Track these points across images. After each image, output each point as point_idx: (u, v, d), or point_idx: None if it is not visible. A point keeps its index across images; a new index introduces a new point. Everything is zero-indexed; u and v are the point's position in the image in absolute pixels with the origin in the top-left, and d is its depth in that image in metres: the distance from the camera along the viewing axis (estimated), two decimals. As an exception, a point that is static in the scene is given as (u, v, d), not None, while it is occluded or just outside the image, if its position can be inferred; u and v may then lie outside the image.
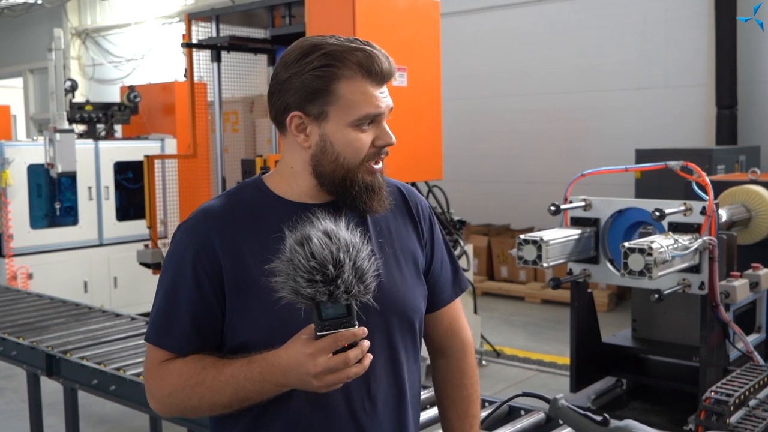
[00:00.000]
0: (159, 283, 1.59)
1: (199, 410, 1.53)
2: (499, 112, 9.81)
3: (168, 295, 1.56)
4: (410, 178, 5.63)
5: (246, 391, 1.46)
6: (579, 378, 3.96)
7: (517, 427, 2.59)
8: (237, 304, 1.52)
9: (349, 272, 1.34)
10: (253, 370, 1.45)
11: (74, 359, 3.62)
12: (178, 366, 1.53)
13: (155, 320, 1.57)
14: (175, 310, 1.54)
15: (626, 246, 3.18)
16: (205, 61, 6.36)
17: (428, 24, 5.56)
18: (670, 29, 8.51)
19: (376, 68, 1.53)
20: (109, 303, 7.61)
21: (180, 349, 1.54)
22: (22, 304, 4.85)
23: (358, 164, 1.55)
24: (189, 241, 1.54)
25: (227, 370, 1.48)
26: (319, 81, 1.50)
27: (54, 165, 7.05)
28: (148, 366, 1.59)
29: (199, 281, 1.52)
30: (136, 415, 4.18)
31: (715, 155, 6.95)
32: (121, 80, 13.82)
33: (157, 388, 1.56)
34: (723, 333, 3.64)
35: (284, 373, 1.42)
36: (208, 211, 1.58)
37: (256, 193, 1.61)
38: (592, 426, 1.94)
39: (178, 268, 1.54)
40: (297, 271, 1.34)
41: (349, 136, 1.54)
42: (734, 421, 3.05)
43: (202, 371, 1.50)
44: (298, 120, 1.54)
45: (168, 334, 1.55)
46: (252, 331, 1.52)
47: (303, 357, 1.38)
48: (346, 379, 1.39)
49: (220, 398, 1.48)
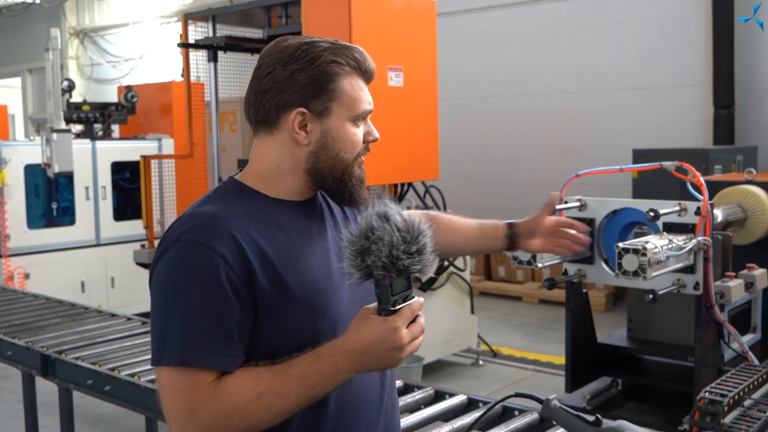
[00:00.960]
0: (171, 300, 1.44)
1: (261, 424, 1.43)
2: (497, 112, 9.81)
3: (201, 310, 1.42)
4: (407, 178, 5.64)
5: (318, 388, 1.44)
6: (574, 378, 3.96)
7: (510, 427, 2.59)
8: (274, 306, 1.48)
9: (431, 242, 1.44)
10: (325, 363, 1.43)
11: (69, 359, 3.61)
12: (233, 383, 1.41)
13: (190, 340, 1.41)
14: (216, 324, 1.42)
15: (620, 246, 3.18)
16: (203, 61, 6.36)
17: (424, 24, 5.56)
18: (667, 29, 8.51)
19: (368, 66, 1.59)
20: (107, 303, 7.61)
21: (230, 365, 1.43)
22: (19, 304, 4.85)
23: (354, 158, 1.59)
24: (209, 248, 1.43)
25: (293, 371, 1.43)
26: (326, 76, 1.53)
27: (51, 165, 7.05)
28: (185, 395, 1.41)
29: (235, 287, 1.43)
30: (132, 416, 4.17)
31: (712, 155, 6.94)
32: (119, 80, 13.82)
33: (207, 415, 1.40)
34: (718, 333, 3.65)
35: (362, 356, 1.42)
36: (213, 214, 1.50)
37: (242, 194, 1.57)
38: (585, 426, 1.93)
39: (205, 278, 1.42)
40: (392, 246, 1.38)
41: (349, 131, 1.57)
42: (729, 421, 3.05)
43: (262, 381, 1.42)
44: (301, 117, 1.54)
45: (213, 351, 1.41)
46: (293, 331, 1.50)
47: (387, 333, 1.41)
48: (418, 346, 1.46)
49: (288, 403, 1.42)
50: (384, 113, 5.23)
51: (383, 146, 5.22)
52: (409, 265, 1.40)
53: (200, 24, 6.34)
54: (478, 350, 6.32)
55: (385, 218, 1.41)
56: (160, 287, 1.46)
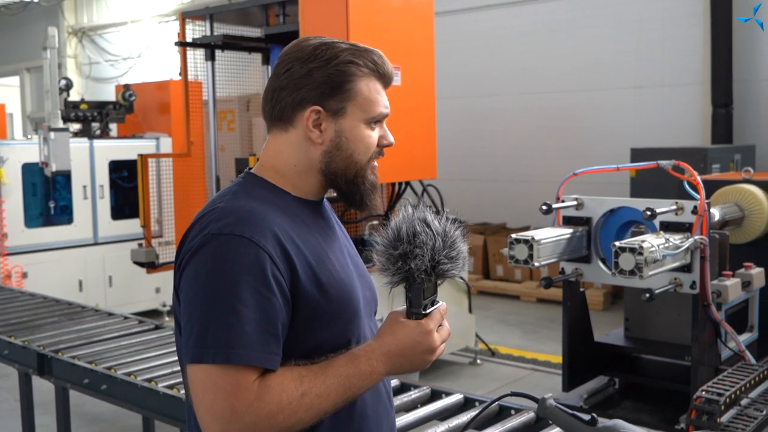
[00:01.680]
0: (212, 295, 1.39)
1: (300, 424, 1.42)
2: (495, 111, 9.80)
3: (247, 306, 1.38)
4: (404, 177, 5.63)
5: (355, 389, 1.46)
6: (571, 377, 3.97)
7: (506, 426, 2.59)
8: (313, 305, 1.48)
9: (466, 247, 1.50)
10: (362, 365, 1.46)
11: (65, 358, 3.61)
12: (277, 382, 1.40)
13: (235, 336, 1.37)
14: (264, 321, 1.40)
15: (617, 245, 3.18)
16: (201, 60, 6.35)
17: (422, 23, 5.55)
18: (666, 28, 8.51)
19: (386, 71, 1.60)
20: (104, 302, 7.60)
21: (274, 362, 1.41)
22: (15, 303, 4.84)
23: (367, 162, 1.60)
24: (255, 243, 1.41)
25: (332, 372, 1.44)
26: (343, 76, 1.53)
27: (48, 164, 7.04)
28: (228, 393, 1.37)
29: (279, 284, 1.42)
30: (129, 415, 4.16)
31: (710, 154, 6.94)
32: (118, 79, 13.80)
33: (252, 414, 1.37)
34: (715, 332, 3.65)
35: (396, 358, 1.47)
36: (254, 211, 1.47)
37: (266, 191, 1.55)
38: (580, 426, 1.93)
39: (249, 274, 1.39)
40: (434, 251, 1.44)
41: (363, 133, 1.58)
42: (725, 420, 3.05)
43: (304, 380, 1.42)
44: (316, 115, 1.54)
45: (260, 349, 1.39)
46: (329, 331, 1.51)
47: (421, 336, 1.46)
48: (444, 349, 1.52)
49: (327, 403, 1.43)
50: (381, 112, 5.24)
51: (381, 145, 5.24)
52: (449, 269, 1.46)
53: (198, 23, 6.33)
54: (476, 349, 6.32)
55: (425, 223, 1.47)
56: (199, 281, 1.41)
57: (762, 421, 3.16)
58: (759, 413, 3.15)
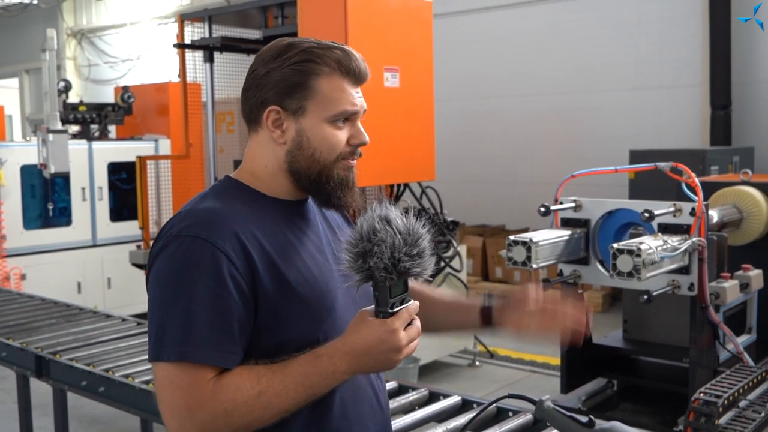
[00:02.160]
0: (171, 295, 1.43)
1: (259, 422, 1.44)
2: (495, 112, 9.81)
3: (201, 305, 1.41)
4: (403, 178, 5.63)
5: (316, 388, 1.45)
6: (569, 379, 3.95)
7: (504, 428, 2.59)
8: (275, 303, 1.48)
9: (429, 246, 1.46)
10: (324, 363, 1.44)
11: (64, 360, 3.61)
12: (233, 380, 1.42)
13: (189, 336, 1.40)
14: (218, 320, 1.42)
15: (615, 247, 3.18)
16: (200, 61, 6.35)
17: (421, 24, 5.56)
18: (665, 30, 8.51)
19: (354, 67, 1.56)
20: (103, 304, 7.60)
21: (230, 362, 1.43)
22: (14, 305, 4.84)
23: (333, 161, 1.57)
24: (211, 244, 1.43)
25: (292, 370, 1.44)
26: (298, 75, 1.53)
27: (47, 165, 7.04)
28: (184, 391, 1.40)
29: (236, 283, 1.44)
30: (127, 417, 4.16)
31: (709, 156, 6.95)
32: (117, 81, 13.79)
33: (206, 411, 1.39)
34: (713, 334, 3.64)
35: (360, 357, 1.44)
36: (215, 211, 1.49)
37: (240, 192, 1.58)
38: (577, 427, 1.93)
39: (205, 274, 1.41)
40: (394, 248, 1.40)
41: (326, 132, 1.55)
42: (724, 422, 3.05)
43: (261, 379, 1.42)
44: (276, 115, 1.55)
45: (213, 347, 1.41)
46: (293, 329, 1.50)
47: (385, 335, 1.42)
48: (415, 349, 1.48)
49: (287, 402, 1.43)
50: (380, 114, 5.23)
51: (379, 147, 5.24)
52: (411, 267, 1.42)
53: (197, 25, 6.33)
54: (474, 351, 6.32)
55: (386, 221, 1.43)
56: (159, 282, 1.45)
57: (760, 423, 3.16)
58: (757, 415, 3.15)
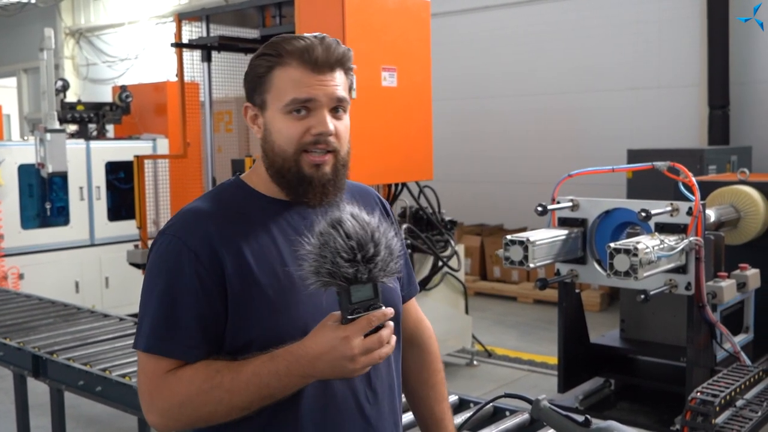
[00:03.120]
0: (148, 289, 1.53)
1: (213, 416, 1.48)
2: (493, 112, 9.81)
3: (167, 301, 1.49)
4: (400, 178, 5.63)
5: (270, 388, 1.44)
6: (567, 378, 3.96)
7: (501, 427, 2.58)
8: (241, 303, 1.50)
9: (385, 251, 1.39)
10: (278, 364, 1.43)
11: (61, 360, 3.60)
12: (188, 373, 1.47)
13: (155, 328, 1.49)
14: (179, 316, 1.48)
15: (612, 246, 3.18)
16: (198, 61, 6.35)
17: (418, 24, 5.56)
18: (663, 30, 8.51)
19: (311, 56, 1.53)
20: (101, 303, 7.60)
21: (189, 356, 1.49)
22: (11, 305, 4.84)
23: (293, 153, 1.55)
24: (183, 243, 1.50)
25: (246, 369, 1.44)
26: (258, 69, 1.56)
27: (45, 165, 7.03)
28: (148, 378, 1.50)
29: (202, 283, 1.48)
30: (125, 417, 4.16)
31: (707, 155, 6.95)
32: (115, 80, 13.78)
33: (162, 398, 1.48)
34: (710, 333, 3.65)
35: (314, 362, 1.40)
36: (197, 211, 1.55)
37: (239, 191, 1.61)
38: (574, 427, 1.93)
39: (174, 272, 1.49)
40: (335, 253, 1.36)
41: (282, 123, 1.55)
42: (721, 421, 3.05)
43: (217, 375, 1.45)
44: (251, 111, 1.60)
45: (173, 341, 1.48)
46: (259, 329, 1.50)
47: (336, 341, 1.38)
48: (379, 359, 1.41)
49: (240, 399, 1.44)
50: (377, 113, 5.24)
51: (377, 146, 5.25)
52: (355, 273, 1.36)
53: (196, 24, 6.33)
54: (472, 350, 6.32)
55: (337, 224, 1.38)
56: (144, 276, 1.57)
57: (757, 423, 3.17)
58: (754, 414, 3.15)
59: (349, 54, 1.58)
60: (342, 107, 1.57)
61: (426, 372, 1.87)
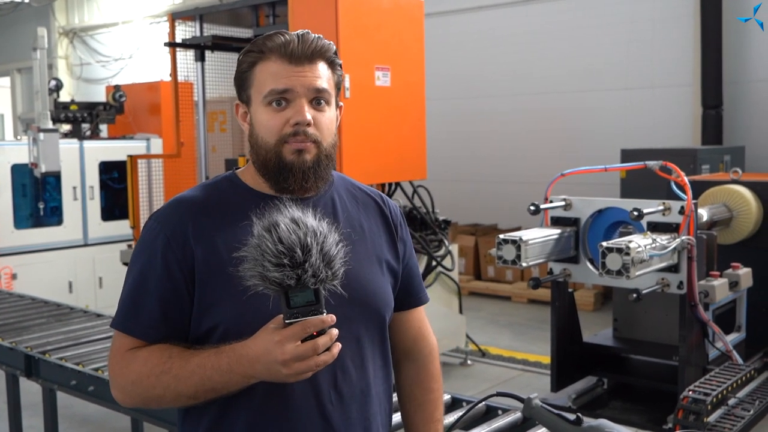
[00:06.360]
0: (128, 270, 1.60)
1: (163, 400, 1.51)
2: (487, 112, 9.81)
3: (137, 282, 1.56)
4: (394, 177, 5.63)
5: (212, 382, 1.45)
6: (560, 377, 3.97)
7: (493, 426, 2.59)
8: (206, 292, 1.53)
9: (316, 257, 1.35)
10: (221, 360, 1.44)
11: (53, 360, 3.59)
12: (144, 354, 1.52)
13: (123, 307, 1.57)
14: (143, 297, 1.54)
15: (604, 245, 3.19)
16: (191, 60, 6.34)
17: (412, 24, 5.56)
18: (656, 30, 8.53)
19: (287, 49, 1.55)
20: (94, 303, 7.58)
21: (147, 336, 1.54)
22: (4, 305, 4.82)
23: (275, 144, 1.56)
24: (160, 229, 1.55)
25: (194, 359, 1.47)
26: (241, 66, 1.61)
27: (38, 165, 7.01)
28: (113, 353, 1.57)
29: (169, 268, 1.53)
30: (118, 417, 4.16)
31: (700, 155, 6.97)
32: (109, 80, 13.76)
33: (120, 375, 1.54)
34: (702, 332, 3.66)
35: (252, 364, 1.40)
36: (181, 200, 1.61)
37: (229, 185, 1.64)
38: (565, 425, 1.94)
39: (148, 256, 1.56)
40: (264, 256, 1.34)
41: (262, 115, 1.58)
42: (713, 419, 3.07)
43: (169, 360, 1.49)
44: (242, 108, 1.64)
45: (135, 320, 1.54)
46: (219, 319, 1.51)
47: (271, 345, 1.37)
48: (315, 367, 1.38)
49: (185, 388, 1.47)
50: (371, 113, 5.24)
51: (370, 146, 5.25)
52: (282, 278, 1.33)
53: (189, 23, 6.32)
54: (466, 350, 6.32)
55: (272, 227, 1.36)
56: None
57: (749, 421, 3.18)
58: (746, 413, 3.17)
59: (329, 46, 1.59)
60: (323, 99, 1.57)
61: (418, 389, 1.82)
